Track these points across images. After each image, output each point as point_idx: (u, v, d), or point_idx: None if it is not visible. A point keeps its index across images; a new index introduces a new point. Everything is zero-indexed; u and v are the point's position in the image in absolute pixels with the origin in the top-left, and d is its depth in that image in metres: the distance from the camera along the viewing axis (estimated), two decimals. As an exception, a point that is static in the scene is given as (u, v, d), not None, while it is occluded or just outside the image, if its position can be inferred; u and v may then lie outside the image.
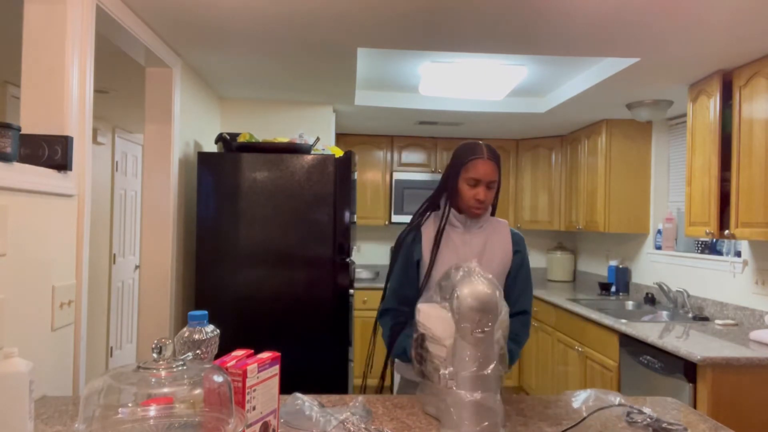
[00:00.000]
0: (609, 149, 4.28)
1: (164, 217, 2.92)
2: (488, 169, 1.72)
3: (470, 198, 1.75)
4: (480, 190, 1.73)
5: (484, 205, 1.75)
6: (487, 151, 1.75)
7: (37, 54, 1.83)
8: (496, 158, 1.75)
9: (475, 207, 1.75)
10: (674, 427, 1.41)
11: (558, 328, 4.08)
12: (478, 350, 1.30)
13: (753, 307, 3.15)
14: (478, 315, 1.28)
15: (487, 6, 2.23)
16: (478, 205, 1.75)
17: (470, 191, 1.74)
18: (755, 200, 2.71)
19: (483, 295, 1.28)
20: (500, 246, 1.83)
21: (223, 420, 1.00)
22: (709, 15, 2.27)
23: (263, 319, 3.05)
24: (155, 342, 1.01)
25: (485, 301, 1.28)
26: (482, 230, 1.83)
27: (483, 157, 1.73)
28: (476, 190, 1.73)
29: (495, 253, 1.81)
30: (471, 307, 1.28)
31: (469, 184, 1.74)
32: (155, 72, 2.90)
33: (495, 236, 1.83)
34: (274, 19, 2.43)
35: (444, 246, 1.79)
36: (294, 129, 3.95)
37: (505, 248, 1.83)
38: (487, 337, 1.30)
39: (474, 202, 1.74)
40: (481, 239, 1.81)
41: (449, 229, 1.81)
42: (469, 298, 1.28)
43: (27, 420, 1.21)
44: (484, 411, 1.30)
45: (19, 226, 1.56)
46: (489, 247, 1.81)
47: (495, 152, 1.77)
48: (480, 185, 1.73)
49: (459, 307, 1.30)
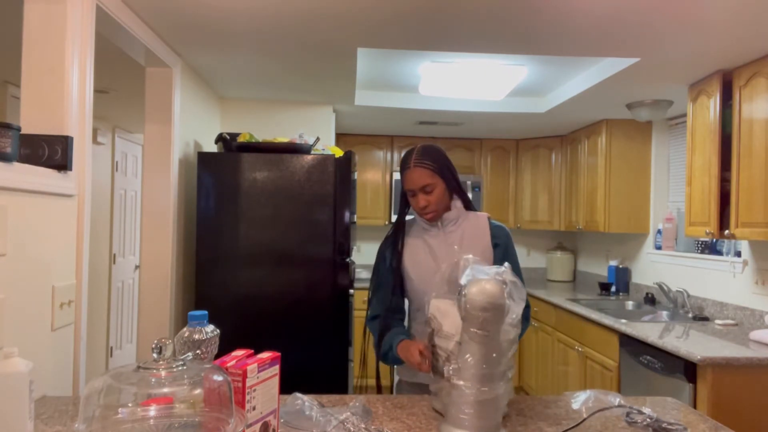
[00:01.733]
0: (609, 149, 4.29)
1: (164, 217, 2.92)
2: (414, 177, 1.74)
3: (415, 206, 1.79)
4: (418, 198, 1.76)
5: (428, 209, 1.77)
6: (414, 157, 1.75)
7: (37, 54, 1.83)
8: (426, 159, 1.74)
9: (422, 214, 1.79)
10: (674, 427, 1.41)
11: (558, 328, 4.08)
12: (484, 348, 1.30)
13: (753, 307, 3.15)
14: (484, 314, 1.28)
15: (487, 6, 2.23)
16: (422, 211, 1.78)
17: (412, 201, 1.79)
18: (755, 200, 2.71)
19: (490, 293, 1.29)
20: (477, 240, 1.81)
21: (223, 420, 1.00)
22: (709, 15, 2.27)
23: (263, 319, 3.05)
24: (155, 342, 1.01)
25: (492, 299, 1.28)
26: (458, 227, 1.82)
27: (409, 167, 1.75)
28: (415, 198, 1.77)
29: (473, 248, 1.79)
30: (477, 306, 1.28)
31: (409, 195, 1.79)
32: (155, 72, 2.90)
33: (471, 231, 1.82)
34: (274, 19, 2.43)
35: (420, 250, 1.81)
36: (294, 129, 3.95)
37: (483, 242, 1.81)
38: (493, 336, 1.31)
39: (419, 209, 1.78)
40: (456, 236, 1.81)
41: (424, 234, 1.82)
42: (477, 297, 1.29)
43: (27, 420, 1.21)
44: (488, 408, 1.30)
45: (19, 226, 1.56)
46: (466, 243, 1.80)
47: (426, 153, 1.75)
48: (416, 194, 1.76)
49: (466, 304, 1.30)
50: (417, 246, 1.82)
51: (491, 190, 5.37)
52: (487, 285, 1.30)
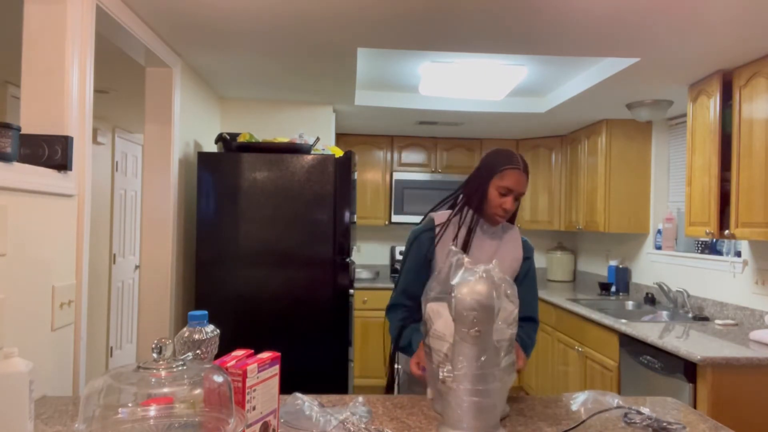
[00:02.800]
0: (609, 149, 4.28)
1: (164, 217, 2.92)
2: (522, 180, 1.73)
3: (497, 206, 1.75)
4: (509, 199, 1.74)
5: (508, 214, 1.77)
6: (522, 162, 1.76)
7: (37, 54, 1.83)
8: (527, 171, 1.77)
9: (500, 215, 1.76)
10: (674, 426, 1.41)
11: (558, 328, 4.08)
12: (477, 348, 1.30)
13: (753, 307, 3.15)
14: (474, 314, 1.28)
15: (486, 6, 2.23)
16: (503, 213, 1.76)
17: (499, 199, 1.74)
18: (755, 200, 2.71)
19: (480, 294, 1.28)
20: (512, 252, 1.84)
21: (223, 420, 1.00)
22: (709, 15, 2.27)
23: (263, 319, 3.05)
24: (155, 342, 1.01)
25: (482, 300, 1.28)
26: (495, 235, 1.84)
27: (519, 168, 1.73)
28: (505, 199, 1.74)
29: (506, 257, 1.82)
30: (467, 306, 1.28)
31: (500, 192, 1.74)
32: (155, 72, 2.90)
33: (508, 241, 1.85)
34: (274, 19, 2.43)
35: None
36: (294, 129, 3.95)
37: (516, 254, 1.85)
38: (485, 336, 1.30)
39: (501, 210, 1.75)
40: (494, 243, 1.83)
41: (464, 230, 1.82)
42: (467, 297, 1.28)
43: (27, 420, 1.21)
44: (484, 409, 1.30)
45: (19, 226, 1.56)
46: (501, 251, 1.83)
47: (527, 164, 1.77)
48: (510, 195, 1.74)
49: (456, 305, 1.30)
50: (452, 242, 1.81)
51: (491, 190, 5.36)
52: (476, 285, 1.29)
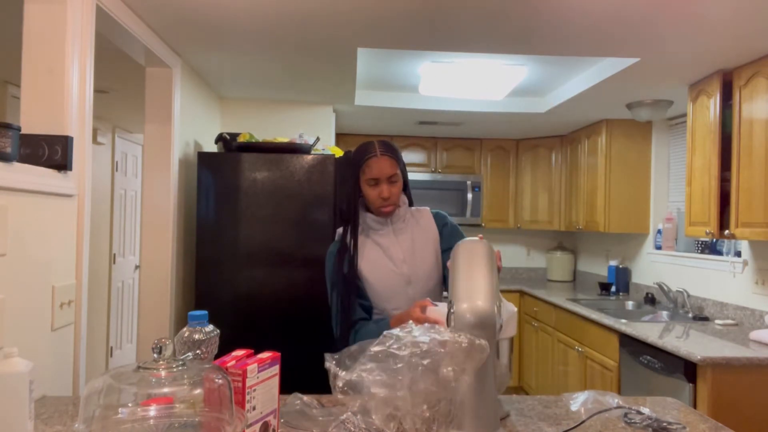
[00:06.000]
0: (609, 149, 4.29)
1: (164, 217, 2.92)
2: (383, 165, 1.72)
3: (375, 198, 1.74)
4: (382, 187, 1.73)
5: (390, 201, 1.74)
6: (379, 147, 1.74)
7: (37, 54, 1.83)
8: (391, 151, 1.74)
9: (382, 206, 1.75)
10: (674, 426, 1.41)
11: (558, 328, 4.08)
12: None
13: (753, 307, 3.15)
14: (475, 331, 1.27)
15: (487, 6, 2.23)
16: (384, 203, 1.74)
17: (373, 191, 1.74)
18: (755, 200, 2.71)
19: (480, 311, 1.27)
20: (428, 234, 1.82)
21: (223, 420, 1.00)
22: (709, 15, 2.27)
23: (263, 319, 3.05)
24: (155, 342, 1.01)
25: (483, 318, 1.27)
26: (406, 225, 1.82)
27: (376, 155, 1.72)
28: (378, 188, 1.73)
29: (426, 243, 1.81)
30: (467, 324, 1.27)
31: (369, 185, 1.74)
32: (155, 72, 2.90)
33: (420, 227, 1.83)
34: (274, 19, 2.43)
35: (373, 251, 1.78)
36: (294, 129, 3.95)
37: (433, 235, 1.83)
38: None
39: (380, 201, 1.74)
40: (407, 235, 1.80)
41: (373, 234, 1.80)
42: (467, 314, 1.27)
43: (27, 420, 1.21)
44: (482, 415, 1.30)
45: (19, 226, 1.56)
46: (418, 240, 1.81)
47: (389, 146, 1.75)
48: (381, 183, 1.73)
49: (456, 322, 1.29)
50: (368, 248, 1.79)
51: (491, 190, 5.37)
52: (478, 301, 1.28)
